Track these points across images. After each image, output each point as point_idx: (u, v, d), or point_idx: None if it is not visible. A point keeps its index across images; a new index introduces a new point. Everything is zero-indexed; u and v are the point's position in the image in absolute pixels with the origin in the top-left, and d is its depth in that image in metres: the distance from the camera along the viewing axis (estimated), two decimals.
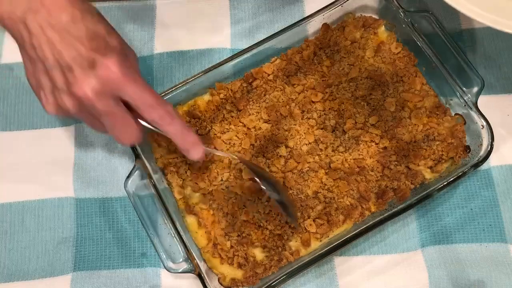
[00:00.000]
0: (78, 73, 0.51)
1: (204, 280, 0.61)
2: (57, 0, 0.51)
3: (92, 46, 0.51)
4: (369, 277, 0.67)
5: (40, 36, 0.51)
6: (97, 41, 0.52)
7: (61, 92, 0.53)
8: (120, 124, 0.56)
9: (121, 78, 0.52)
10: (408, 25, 0.72)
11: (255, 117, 0.70)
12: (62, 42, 0.51)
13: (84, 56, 0.51)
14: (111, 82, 0.52)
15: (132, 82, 0.53)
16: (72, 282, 0.67)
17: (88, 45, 0.51)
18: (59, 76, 0.52)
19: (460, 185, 0.71)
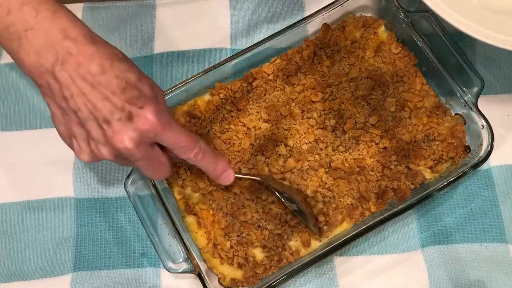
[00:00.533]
0: (116, 126, 0.51)
1: (204, 280, 0.62)
2: (84, 49, 0.50)
3: (127, 97, 0.51)
4: (369, 277, 0.67)
5: (71, 87, 0.50)
6: (130, 91, 0.52)
7: (97, 143, 0.53)
8: (155, 165, 0.57)
9: (159, 127, 0.53)
10: (408, 25, 0.72)
11: (255, 117, 0.70)
12: (94, 94, 0.50)
13: (120, 108, 0.51)
14: (150, 132, 0.53)
15: (168, 129, 0.54)
16: (72, 282, 0.67)
17: (122, 96, 0.51)
18: (95, 128, 0.52)
19: (460, 185, 0.71)
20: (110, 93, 0.51)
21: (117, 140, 0.52)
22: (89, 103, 0.51)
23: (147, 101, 0.53)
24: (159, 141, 0.55)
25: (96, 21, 0.80)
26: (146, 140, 0.53)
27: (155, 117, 0.53)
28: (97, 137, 0.52)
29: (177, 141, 0.56)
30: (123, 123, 0.51)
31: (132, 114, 0.52)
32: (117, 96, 0.51)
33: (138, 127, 0.52)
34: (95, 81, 0.50)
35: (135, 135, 0.52)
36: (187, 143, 0.57)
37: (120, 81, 0.51)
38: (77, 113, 0.51)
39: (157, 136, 0.54)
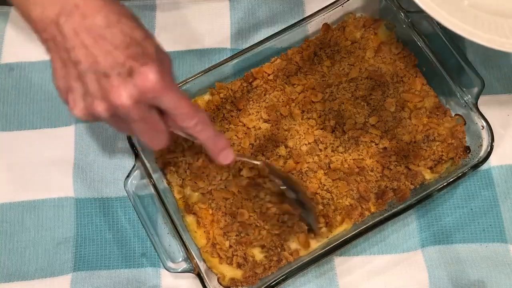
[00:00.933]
0: (115, 80, 0.49)
1: (203, 279, 0.61)
2: (91, 2, 0.49)
3: (129, 53, 0.50)
4: (369, 277, 0.67)
5: (73, 39, 0.49)
6: (134, 48, 0.50)
7: (94, 98, 0.51)
8: (152, 130, 0.55)
9: (159, 87, 0.51)
10: (409, 26, 0.72)
11: (255, 117, 0.70)
12: (97, 47, 0.49)
13: (122, 63, 0.49)
14: (149, 91, 0.50)
15: (169, 91, 0.52)
16: (72, 282, 0.67)
17: (125, 52, 0.49)
18: (93, 82, 0.50)
19: (460, 185, 0.71)
20: (113, 47, 0.49)
21: (114, 95, 0.50)
22: (91, 55, 0.49)
23: (150, 60, 0.51)
24: (158, 104, 0.53)
25: None
26: (145, 99, 0.51)
27: (157, 76, 0.50)
28: (94, 91, 0.50)
29: (178, 106, 0.53)
30: (123, 78, 0.50)
31: (133, 70, 0.50)
32: (120, 51, 0.49)
33: (138, 84, 0.50)
34: (99, 34, 0.49)
35: (134, 91, 0.50)
36: (188, 110, 0.54)
37: (124, 36, 0.50)
38: (77, 66, 0.50)
39: (157, 97, 0.51)
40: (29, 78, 0.77)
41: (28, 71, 0.77)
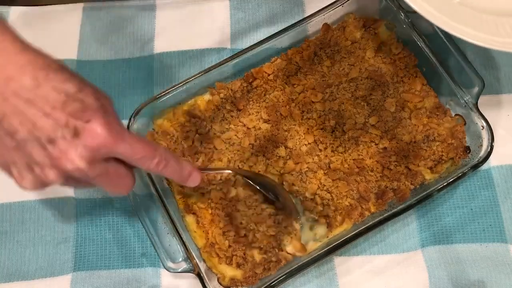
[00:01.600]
0: (62, 144, 0.46)
1: (203, 279, 0.62)
2: (13, 60, 0.45)
3: (69, 111, 0.46)
4: (369, 277, 0.67)
5: (2, 105, 0.45)
6: (72, 103, 0.46)
7: (42, 167, 0.47)
8: (115, 180, 0.52)
9: (110, 140, 0.47)
10: (409, 26, 0.72)
11: (255, 117, 0.70)
12: (32, 111, 0.45)
13: (64, 124, 0.46)
14: (101, 147, 0.47)
15: (121, 141, 0.49)
16: (72, 282, 0.67)
17: (64, 110, 0.46)
18: (37, 150, 0.46)
19: (460, 185, 0.71)
20: (50, 108, 0.45)
21: (65, 161, 0.46)
22: (27, 122, 0.45)
23: (93, 113, 0.47)
24: (113, 155, 0.50)
25: (96, 21, 0.80)
26: (99, 156, 0.48)
27: (105, 129, 0.47)
28: (41, 159, 0.46)
29: (133, 153, 0.50)
30: (69, 140, 0.46)
31: (78, 130, 0.46)
32: (59, 111, 0.45)
33: (87, 143, 0.46)
34: (30, 96, 0.45)
35: (85, 152, 0.46)
36: (145, 153, 0.51)
37: (59, 93, 0.46)
38: (14, 136, 0.46)
39: (111, 150, 0.48)
40: None
41: None
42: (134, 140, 0.50)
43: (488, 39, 0.58)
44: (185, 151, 0.69)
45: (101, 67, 0.77)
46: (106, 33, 0.79)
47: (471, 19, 0.60)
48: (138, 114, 0.68)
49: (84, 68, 0.77)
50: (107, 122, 0.48)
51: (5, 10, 0.80)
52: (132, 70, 0.77)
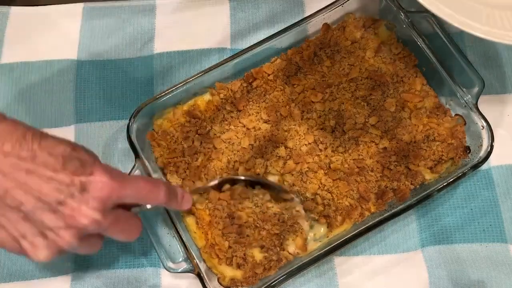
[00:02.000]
0: (72, 203, 0.47)
1: (203, 280, 0.61)
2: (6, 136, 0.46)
3: (70, 170, 0.47)
4: (369, 277, 0.67)
5: (4, 182, 0.45)
6: (72, 162, 0.48)
7: (56, 230, 0.48)
8: (127, 226, 0.54)
9: (117, 185, 0.49)
10: (409, 26, 0.72)
11: (254, 118, 0.70)
12: (34, 180, 0.46)
13: (69, 183, 0.47)
14: (111, 195, 0.49)
15: (125, 183, 0.50)
16: (72, 282, 0.67)
17: (66, 171, 0.47)
18: (48, 215, 0.47)
19: (460, 185, 0.71)
20: (52, 172, 0.47)
21: (80, 217, 0.47)
22: (32, 191, 0.46)
23: (93, 165, 0.49)
24: (122, 200, 0.51)
25: (96, 21, 0.80)
26: (109, 204, 0.49)
27: (109, 177, 0.49)
28: (54, 223, 0.47)
29: (140, 191, 0.52)
30: (79, 197, 0.47)
31: (84, 184, 0.48)
32: (61, 173, 0.47)
33: (96, 194, 0.48)
34: (30, 167, 0.46)
35: (97, 203, 0.48)
36: (150, 187, 0.54)
37: (56, 157, 0.47)
38: (20, 208, 0.46)
39: (119, 195, 0.50)
40: (29, 78, 0.77)
41: (28, 71, 0.77)
42: (137, 179, 0.53)
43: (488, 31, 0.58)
44: (185, 151, 0.69)
45: (101, 67, 0.77)
46: (106, 33, 0.79)
47: (473, 11, 0.60)
48: (138, 114, 0.68)
49: (84, 68, 0.77)
50: (107, 170, 0.50)
51: (5, 10, 0.80)
52: (132, 70, 0.77)
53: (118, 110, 0.75)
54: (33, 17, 0.80)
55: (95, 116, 0.75)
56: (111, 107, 0.75)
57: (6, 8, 0.80)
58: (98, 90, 0.76)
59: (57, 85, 0.76)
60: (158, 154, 0.69)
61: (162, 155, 0.69)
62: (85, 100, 0.75)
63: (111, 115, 0.75)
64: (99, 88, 0.76)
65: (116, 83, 0.76)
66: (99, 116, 0.75)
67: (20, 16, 0.80)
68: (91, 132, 0.74)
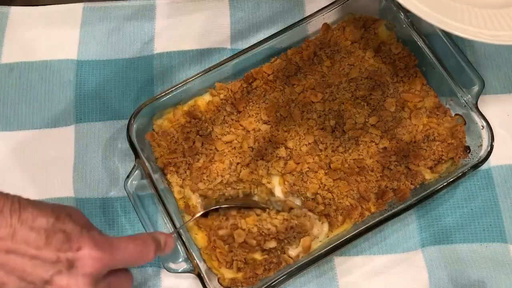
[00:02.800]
0: (60, 281, 0.44)
1: (203, 280, 0.61)
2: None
3: (55, 246, 0.44)
4: (369, 277, 0.67)
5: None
6: (56, 237, 0.44)
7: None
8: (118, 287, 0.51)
9: (107, 257, 0.46)
10: (409, 25, 0.72)
11: (254, 119, 0.70)
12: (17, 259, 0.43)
13: (55, 260, 0.44)
14: (100, 269, 0.46)
15: (114, 252, 0.47)
16: None
17: (50, 247, 0.44)
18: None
19: (460, 185, 0.71)
20: (35, 249, 0.43)
21: None
22: (15, 271, 0.43)
23: (79, 238, 0.45)
24: (113, 268, 0.49)
25: (96, 21, 0.80)
26: (100, 276, 0.47)
27: (97, 250, 0.46)
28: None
29: (131, 256, 0.49)
30: (67, 274, 0.44)
31: (72, 261, 0.44)
32: (45, 250, 0.44)
33: (85, 271, 0.45)
34: (9, 246, 0.43)
35: (87, 279, 0.45)
36: (141, 249, 0.51)
37: (38, 231, 0.44)
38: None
39: (109, 266, 0.47)
40: (29, 78, 0.77)
41: (28, 71, 0.77)
42: (126, 244, 0.49)
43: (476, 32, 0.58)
44: (185, 151, 0.69)
45: (101, 67, 0.77)
46: (106, 33, 0.79)
47: (457, 12, 0.59)
48: (138, 114, 0.68)
49: (84, 68, 0.77)
50: (95, 242, 0.46)
51: (5, 10, 0.80)
52: (132, 70, 0.77)
53: (118, 110, 0.75)
54: (33, 17, 0.80)
55: (95, 116, 0.75)
56: (111, 107, 0.75)
57: (6, 8, 0.80)
58: (98, 90, 0.76)
59: (57, 85, 0.76)
60: (158, 154, 0.69)
61: (162, 155, 0.69)
62: (85, 100, 0.75)
63: (111, 115, 0.75)
64: (99, 88, 0.76)
65: (116, 83, 0.76)
66: (99, 116, 0.75)
67: (20, 16, 0.80)
68: (91, 132, 0.74)
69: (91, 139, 0.74)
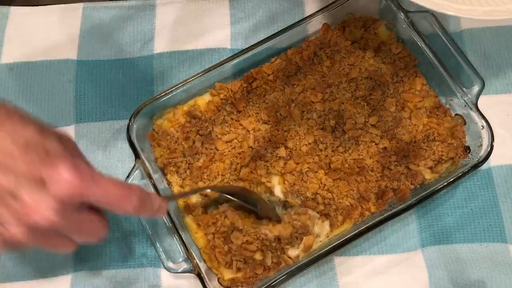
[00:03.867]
0: (26, 197, 0.41)
1: (203, 280, 0.61)
2: None
3: (31, 159, 0.42)
4: (369, 277, 0.67)
5: None
6: (34, 150, 0.42)
7: (7, 225, 0.42)
8: (88, 229, 0.48)
9: (81, 185, 0.43)
10: (409, 25, 0.72)
11: (254, 119, 0.70)
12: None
13: (26, 175, 0.41)
14: (72, 195, 0.43)
15: (93, 184, 0.44)
16: (72, 282, 0.67)
17: (25, 159, 0.41)
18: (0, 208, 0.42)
19: (460, 185, 0.71)
20: (9, 159, 0.41)
21: (31, 215, 0.42)
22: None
23: (58, 158, 0.43)
24: (86, 201, 0.45)
25: (96, 21, 0.80)
26: (69, 205, 0.43)
27: (74, 174, 0.42)
28: (4, 217, 0.42)
29: (107, 194, 0.45)
30: (35, 192, 0.42)
31: (44, 179, 0.42)
32: (19, 161, 0.41)
33: (55, 192, 0.42)
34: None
35: (55, 203, 0.42)
36: (122, 194, 0.47)
37: (16, 143, 0.42)
38: None
39: (82, 195, 0.44)
40: (29, 78, 0.77)
41: (28, 71, 0.77)
42: (108, 183, 0.46)
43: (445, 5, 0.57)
44: (185, 151, 0.69)
45: (101, 67, 0.77)
46: (106, 33, 0.79)
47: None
48: (138, 114, 0.68)
49: (84, 68, 0.77)
50: (75, 165, 0.43)
51: (5, 10, 0.80)
52: (132, 70, 0.77)
53: (118, 110, 0.75)
54: (33, 17, 0.80)
55: (95, 116, 0.75)
56: (111, 107, 0.75)
57: (6, 8, 0.80)
58: (98, 90, 0.76)
59: (57, 85, 0.76)
60: (158, 154, 0.69)
61: (162, 155, 0.69)
62: (85, 100, 0.75)
63: (111, 115, 0.75)
64: (99, 88, 0.76)
65: (116, 83, 0.76)
66: (99, 116, 0.75)
67: (20, 16, 0.80)
68: (91, 132, 0.74)
69: (91, 139, 0.74)
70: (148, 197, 0.51)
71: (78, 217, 0.45)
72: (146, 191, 0.52)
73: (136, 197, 0.48)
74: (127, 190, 0.47)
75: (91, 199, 0.45)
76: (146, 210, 0.51)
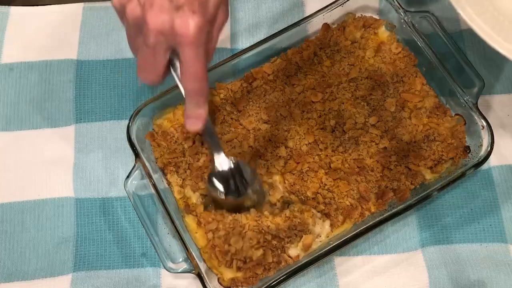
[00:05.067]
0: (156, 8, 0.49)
1: (203, 280, 0.61)
2: None
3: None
4: (369, 277, 0.67)
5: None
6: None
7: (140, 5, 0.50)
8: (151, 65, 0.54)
9: (187, 39, 0.49)
10: (409, 25, 0.72)
11: (254, 118, 0.70)
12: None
13: None
14: (175, 35, 0.49)
15: (193, 48, 0.50)
16: (72, 282, 0.67)
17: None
18: None
19: (460, 185, 0.71)
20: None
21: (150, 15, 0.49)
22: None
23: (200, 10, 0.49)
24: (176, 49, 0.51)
25: (96, 21, 0.80)
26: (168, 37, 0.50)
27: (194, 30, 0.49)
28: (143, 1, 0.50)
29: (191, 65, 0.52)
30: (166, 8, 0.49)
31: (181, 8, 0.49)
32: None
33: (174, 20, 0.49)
34: None
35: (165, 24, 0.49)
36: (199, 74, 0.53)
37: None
38: None
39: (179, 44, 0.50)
40: (29, 78, 0.77)
41: (28, 71, 0.77)
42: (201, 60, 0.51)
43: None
44: (185, 151, 0.69)
45: (101, 67, 0.77)
46: (106, 33, 0.79)
47: None
48: (138, 114, 0.68)
49: (84, 68, 0.77)
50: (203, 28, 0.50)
51: (5, 10, 0.80)
52: (132, 70, 0.77)
53: (118, 110, 0.75)
54: (33, 17, 0.80)
55: (95, 116, 0.75)
56: (111, 107, 0.75)
57: (6, 8, 0.80)
58: (98, 90, 0.76)
59: (57, 85, 0.76)
60: (158, 154, 0.69)
61: (162, 155, 0.69)
62: (85, 100, 0.75)
63: (111, 115, 0.75)
64: (99, 88, 0.76)
65: (116, 83, 0.76)
66: (99, 116, 0.75)
67: (20, 16, 0.80)
68: (91, 132, 0.74)
69: (91, 139, 0.74)
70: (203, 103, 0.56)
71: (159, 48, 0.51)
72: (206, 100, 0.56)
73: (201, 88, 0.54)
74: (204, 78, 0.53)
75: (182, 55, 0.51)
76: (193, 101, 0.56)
